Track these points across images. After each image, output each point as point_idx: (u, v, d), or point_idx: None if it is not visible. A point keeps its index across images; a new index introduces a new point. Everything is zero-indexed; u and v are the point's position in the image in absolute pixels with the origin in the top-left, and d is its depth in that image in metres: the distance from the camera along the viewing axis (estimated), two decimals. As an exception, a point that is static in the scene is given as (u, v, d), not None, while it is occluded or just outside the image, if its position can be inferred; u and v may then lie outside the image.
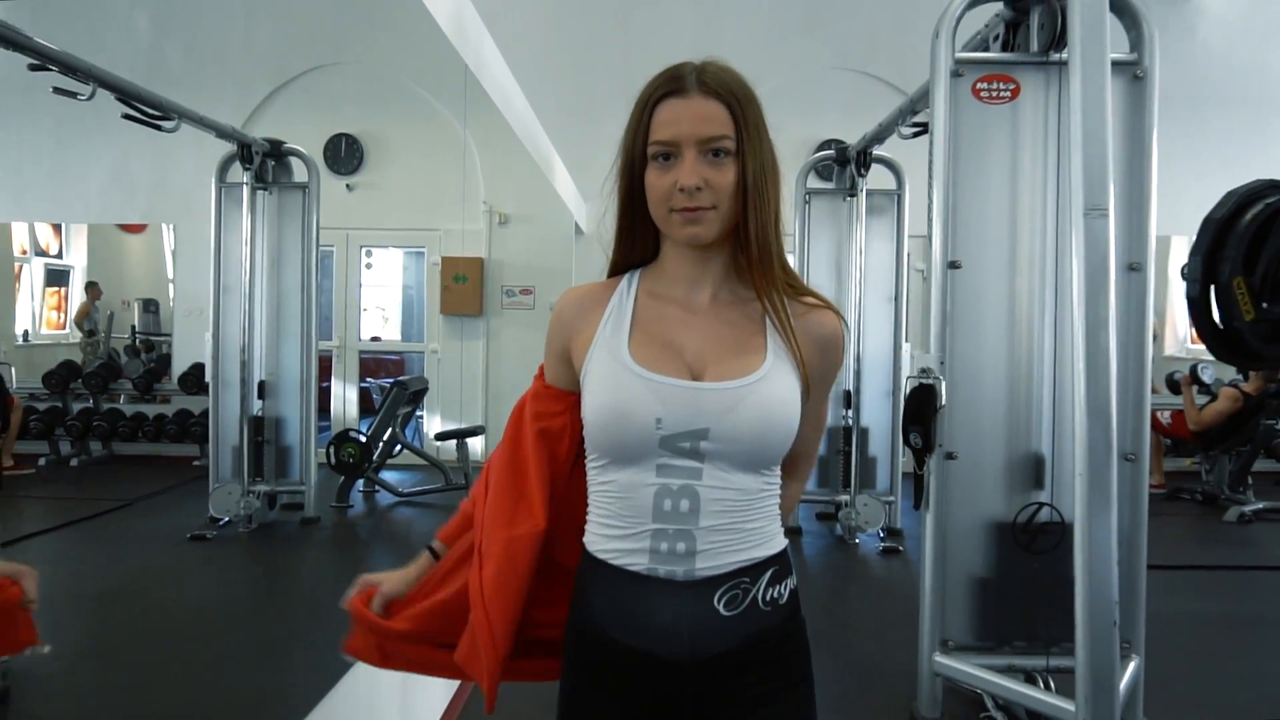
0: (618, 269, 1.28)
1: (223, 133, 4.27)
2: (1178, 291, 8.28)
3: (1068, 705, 2.57)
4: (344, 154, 7.16)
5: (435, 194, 7.53)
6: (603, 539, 1.21)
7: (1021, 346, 2.91)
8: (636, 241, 1.25)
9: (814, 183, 5.89)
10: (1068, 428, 2.81)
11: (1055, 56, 2.87)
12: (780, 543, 1.22)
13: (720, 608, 1.16)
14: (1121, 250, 2.71)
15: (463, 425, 6.58)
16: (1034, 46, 2.92)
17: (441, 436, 6.26)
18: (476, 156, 7.70)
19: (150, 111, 3.39)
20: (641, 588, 1.16)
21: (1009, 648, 2.94)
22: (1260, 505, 6.26)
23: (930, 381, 2.84)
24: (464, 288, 7.77)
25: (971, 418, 2.91)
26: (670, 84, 1.18)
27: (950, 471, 2.91)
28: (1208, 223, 1.86)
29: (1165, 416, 7.09)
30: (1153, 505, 7.00)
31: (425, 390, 6.46)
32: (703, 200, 1.15)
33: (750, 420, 1.14)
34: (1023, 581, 2.90)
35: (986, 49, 3.14)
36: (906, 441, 2.92)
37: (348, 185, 7.10)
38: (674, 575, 1.15)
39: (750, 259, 1.20)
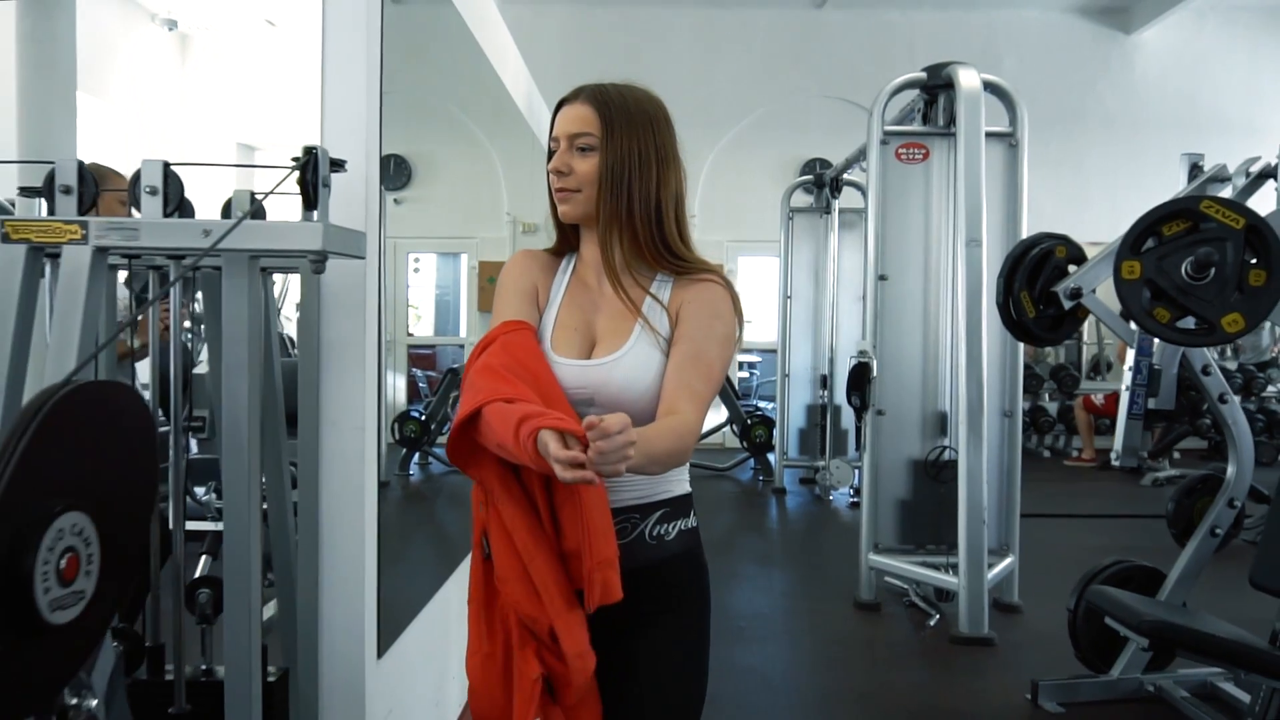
0: (560, 251, 1.49)
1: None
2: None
3: (955, 579, 3.76)
4: (393, 172, 8.31)
5: (472, 205, 8.69)
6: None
7: (930, 334, 4.10)
8: (563, 229, 1.47)
9: (796, 201, 7.06)
10: (961, 391, 3.99)
11: (954, 129, 4.05)
12: (672, 491, 1.40)
13: None
14: (997, 266, 3.88)
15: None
16: (941, 121, 4.11)
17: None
18: (501, 172, 8.86)
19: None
20: None
21: (923, 549, 4.12)
22: (1173, 473, 7.41)
23: (866, 360, 4.03)
24: (495, 288, 8.94)
25: (895, 385, 4.10)
26: (568, 96, 1.42)
27: (880, 424, 4.10)
28: (1007, 258, 3.01)
29: (1099, 398, 8.27)
30: (1085, 475, 8.26)
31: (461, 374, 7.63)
32: (568, 184, 1.38)
33: (616, 391, 1.35)
34: (932, 502, 4.09)
35: (912, 119, 4.33)
36: (849, 402, 4.12)
37: (395, 200, 8.26)
38: None
39: (617, 242, 1.39)
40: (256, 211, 1.71)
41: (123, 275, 2.12)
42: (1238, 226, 2.16)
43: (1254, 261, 2.17)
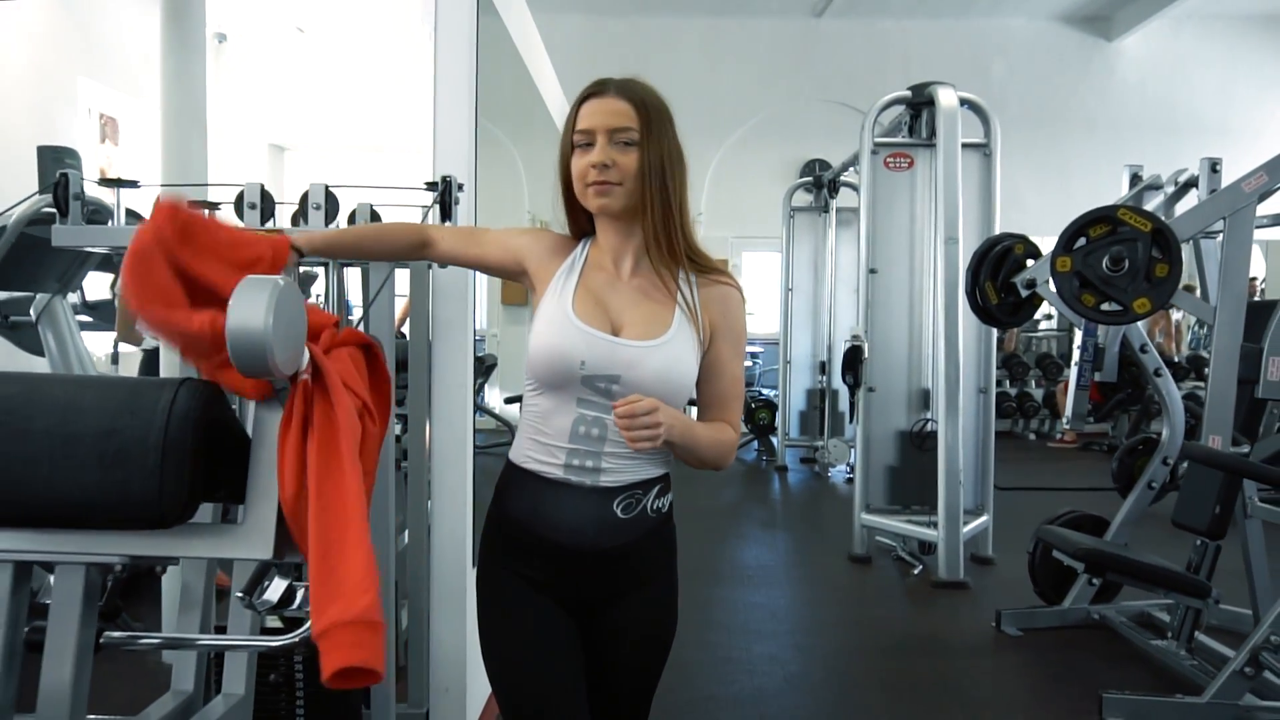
0: (574, 236, 1.52)
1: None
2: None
3: (935, 533, 4.34)
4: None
5: (496, 204, 9.26)
6: (526, 453, 1.44)
7: (915, 320, 4.68)
8: (577, 217, 1.49)
9: (797, 201, 7.63)
10: (941, 370, 4.57)
11: (935, 141, 4.62)
12: (664, 469, 1.47)
13: (618, 511, 1.41)
14: (972, 262, 4.46)
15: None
16: (924, 134, 4.68)
17: (510, 400, 8.02)
18: (522, 170, 9.42)
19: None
20: (556, 491, 1.40)
21: (908, 510, 4.71)
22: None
23: (859, 343, 4.61)
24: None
25: (884, 365, 4.68)
26: (594, 89, 1.42)
27: (871, 399, 4.68)
28: (974, 254, 3.58)
29: (1080, 384, 8.84)
30: (1065, 455, 8.82)
31: (495, 365, 8.21)
32: (610, 176, 1.38)
33: (651, 374, 1.37)
34: (916, 468, 4.67)
35: (900, 130, 4.90)
36: (844, 380, 4.70)
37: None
38: (583, 483, 1.40)
39: (652, 236, 1.42)
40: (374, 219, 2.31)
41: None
42: (1146, 230, 2.73)
43: (1159, 257, 2.74)
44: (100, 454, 1.21)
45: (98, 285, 4.27)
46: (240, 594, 1.50)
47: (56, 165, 3.77)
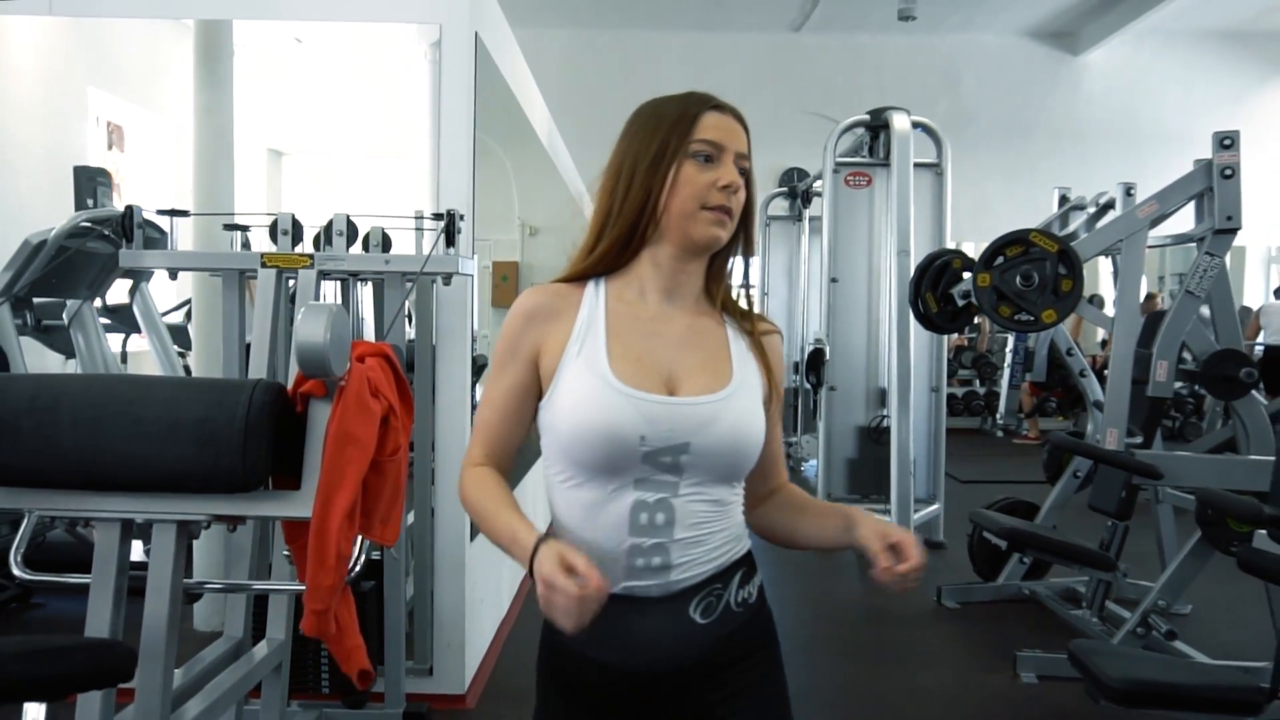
0: (583, 275, 1.22)
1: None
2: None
3: (890, 519, 4.77)
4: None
5: (486, 211, 9.67)
6: None
7: (872, 325, 5.12)
8: (628, 246, 1.20)
9: (773, 209, 8.06)
10: (894, 370, 5.00)
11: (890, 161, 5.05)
12: (746, 544, 1.22)
13: (696, 616, 1.16)
14: (924, 272, 4.89)
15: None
16: (881, 155, 5.11)
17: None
18: (513, 180, 9.81)
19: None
20: (616, 607, 1.12)
21: (867, 498, 5.14)
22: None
23: (821, 346, 5.04)
24: (506, 285, 9.96)
25: (844, 366, 5.11)
26: (712, 100, 1.21)
27: (833, 398, 5.12)
28: (917, 267, 4.01)
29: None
30: (1027, 451, 9.24)
31: (486, 365, 8.61)
32: (734, 204, 1.17)
33: (726, 434, 1.14)
34: (874, 460, 5.10)
35: (862, 150, 5.33)
36: (807, 380, 5.13)
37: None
38: (650, 591, 1.14)
39: (718, 277, 1.24)
40: (385, 244, 2.73)
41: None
42: (1053, 250, 3.16)
43: (1065, 273, 3.17)
44: (197, 436, 1.62)
45: (116, 291, 4.65)
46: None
47: (91, 184, 4.19)
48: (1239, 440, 3.45)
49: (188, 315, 5.18)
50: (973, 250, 7.16)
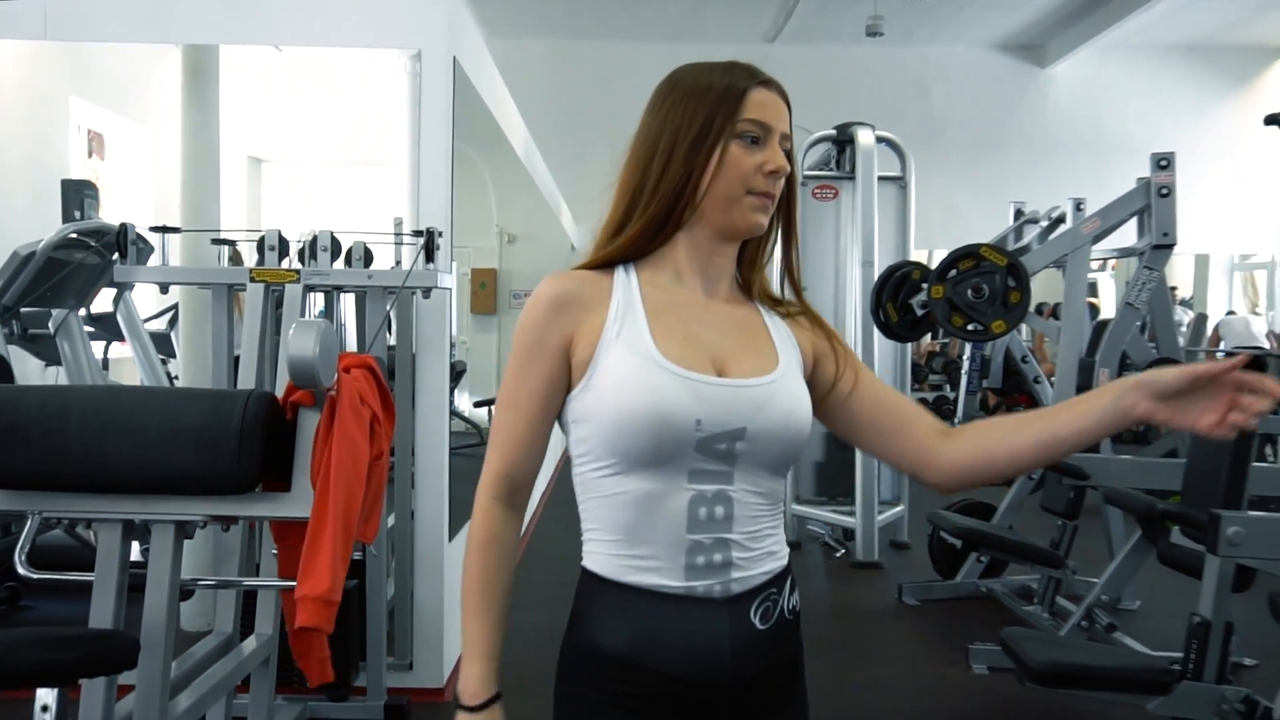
0: (609, 261, 1.12)
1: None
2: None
3: (854, 520, 4.95)
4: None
5: (465, 219, 9.79)
6: (620, 558, 1.05)
7: (839, 332, 5.27)
8: (663, 229, 1.10)
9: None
10: (861, 377, 5.17)
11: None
12: (787, 550, 1.14)
13: (757, 621, 1.07)
14: (888, 282, 5.07)
15: (492, 396, 8.88)
16: (847, 168, 5.29)
17: (479, 404, 8.55)
18: (491, 189, 9.95)
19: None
20: (677, 608, 1.04)
21: (834, 501, 5.31)
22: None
23: (790, 353, 5.21)
24: (485, 292, 10.08)
25: (812, 373, 5.27)
26: (758, 75, 1.11)
27: (801, 403, 5.28)
28: (878, 278, 4.19)
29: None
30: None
31: (464, 371, 8.74)
32: (777, 190, 1.10)
33: (781, 418, 1.06)
34: (841, 464, 5.27)
35: (829, 163, 5.51)
36: (777, 386, 5.29)
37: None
38: (712, 592, 1.04)
39: (756, 262, 1.17)
40: (367, 257, 2.87)
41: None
42: (1003, 264, 3.35)
43: (1013, 286, 3.36)
44: (196, 442, 1.76)
45: (100, 301, 4.76)
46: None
47: (78, 197, 4.30)
48: (1179, 444, 3.65)
49: (170, 322, 5.31)
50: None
